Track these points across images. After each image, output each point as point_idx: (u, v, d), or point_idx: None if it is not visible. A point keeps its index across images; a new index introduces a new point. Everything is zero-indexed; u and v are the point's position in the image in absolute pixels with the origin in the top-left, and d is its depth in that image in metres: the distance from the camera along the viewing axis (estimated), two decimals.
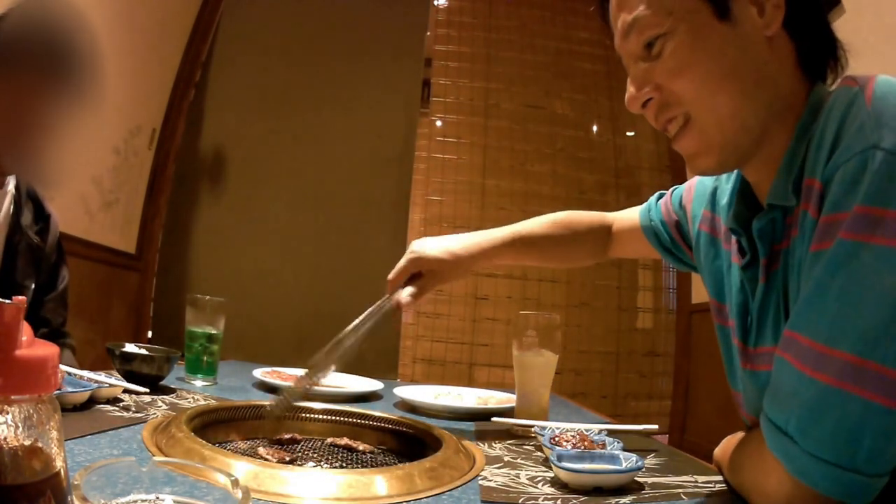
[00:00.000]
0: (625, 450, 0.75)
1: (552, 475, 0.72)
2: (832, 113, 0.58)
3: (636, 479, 0.71)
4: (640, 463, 0.69)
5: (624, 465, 0.70)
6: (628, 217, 1.07)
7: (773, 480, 0.57)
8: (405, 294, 0.97)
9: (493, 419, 1.06)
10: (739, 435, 0.74)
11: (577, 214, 1.11)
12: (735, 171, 0.74)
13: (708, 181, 0.84)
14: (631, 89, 0.69)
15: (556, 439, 0.79)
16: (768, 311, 0.67)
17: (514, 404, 1.15)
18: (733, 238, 0.74)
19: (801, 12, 0.64)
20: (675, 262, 1.00)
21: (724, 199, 0.78)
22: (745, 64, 0.63)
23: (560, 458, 0.70)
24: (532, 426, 0.95)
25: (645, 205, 1.04)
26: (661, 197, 1.01)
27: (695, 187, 0.89)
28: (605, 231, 1.10)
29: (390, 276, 1.00)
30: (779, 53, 0.64)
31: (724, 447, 0.75)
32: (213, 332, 1.25)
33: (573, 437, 0.79)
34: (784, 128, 0.64)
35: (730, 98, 0.63)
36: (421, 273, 1.00)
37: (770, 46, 0.64)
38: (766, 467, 0.58)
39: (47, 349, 0.29)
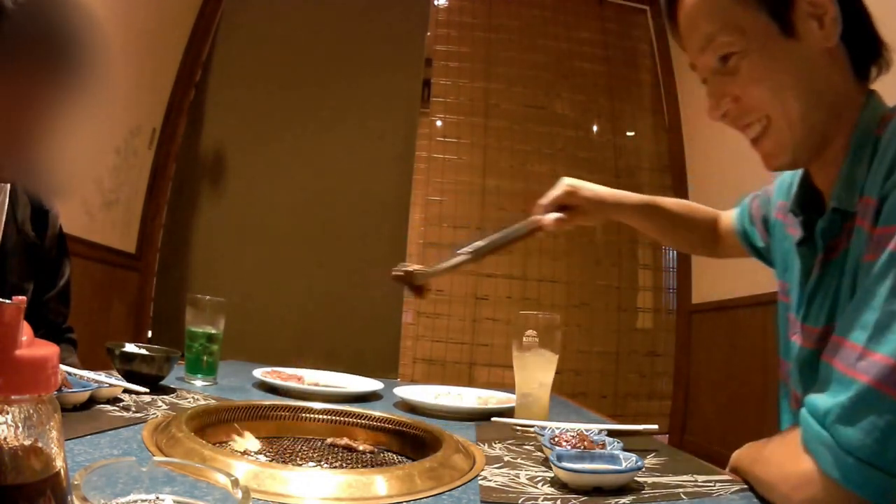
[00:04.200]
0: (625, 450, 0.75)
1: (552, 475, 0.72)
2: (887, 129, 0.66)
3: (636, 479, 0.71)
4: (640, 463, 0.69)
5: (624, 465, 0.70)
6: (729, 219, 1.12)
7: (802, 470, 0.59)
8: (552, 216, 1.03)
9: (493, 419, 1.06)
10: (763, 441, 0.75)
11: (697, 204, 1.17)
12: None
13: (787, 174, 0.92)
14: (711, 102, 0.78)
15: (556, 439, 0.79)
16: (815, 298, 0.77)
17: (514, 404, 1.15)
18: (796, 218, 0.83)
19: (853, 22, 0.72)
20: (769, 264, 1.02)
21: (793, 188, 0.86)
22: (809, 75, 0.71)
23: (560, 458, 0.70)
24: (532, 426, 0.95)
25: (740, 207, 1.09)
26: (755, 197, 1.05)
27: (776, 181, 0.97)
28: (715, 226, 1.14)
29: (542, 201, 1.06)
30: (837, 61, 0.72)
31: (748, 449, 0.77)
32: (213, 332, 1.25)
33: (573, 437, 0.79)
34: (842, 128, 0.72)
35: (798, 106, 0.71)
36: (567, 207, 1.06)
37: (830, 56, 0.72)
38: (796, 459, 0.61)
39: (47, 349, 0.29)
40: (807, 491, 0.59)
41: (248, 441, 0.83)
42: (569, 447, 0.76)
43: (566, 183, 1.07)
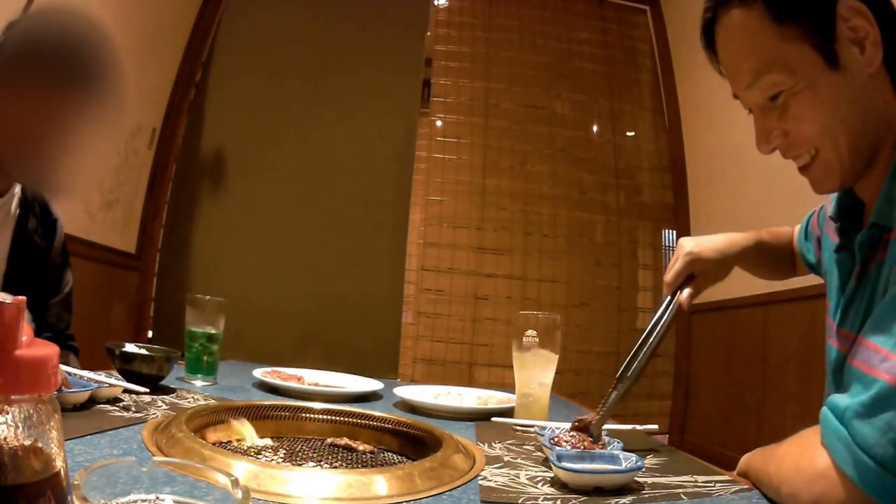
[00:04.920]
0: (625, 450, 0.75)
1: (552, 475, 0.72)
2: None
3: (636, 479, 0.71)
4: (640, 463, 0.69)
5: (624, 465, 0.70)
6: (795, 237, 1.11)
7: (817, 464, 0.59)
8: (685, 295, 0.98)
9: (493, 419, 1.06)
10: (776, 443, 0.75)
11: (779, 228, 1.14)
12: None
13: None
14: (760, 136, 0.79)
15: (556, 439, 0.79)
16: (852, 305, 0.78)
17: (514, 404, 1.15)
18: (834, 224, 0.85)
19: (892, 41, 0.72)
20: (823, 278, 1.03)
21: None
22: (856, 105, 0.73)
23: (560, 458, 0.70)
24: (532, 426, 0.95)
25: (802, 224, 1.08)
26: (815, 213, 1.04)
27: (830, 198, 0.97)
28: (793, 247, 1.13)
29: (668, 279, 1.01)
30: (878, 83, 0.73)
31: (761, 451, 0.77)
32: (213, 332, 1.25)
33: (573, 437, 0.79)
34: (886, 146, 0.73)
35: (846, 138, 0.73)
36: (693, 274, 1.01)
37: (872, 81, 0.73)
38: (813, 454, 0.61)
39: (47, 349, 0.29)
40: (820, 486, 0.59)
41: (252, 436, 0.83)
42: (569, 447, 0.76)
43: (686, 251, 1.00)
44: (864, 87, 0.72)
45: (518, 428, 1.02)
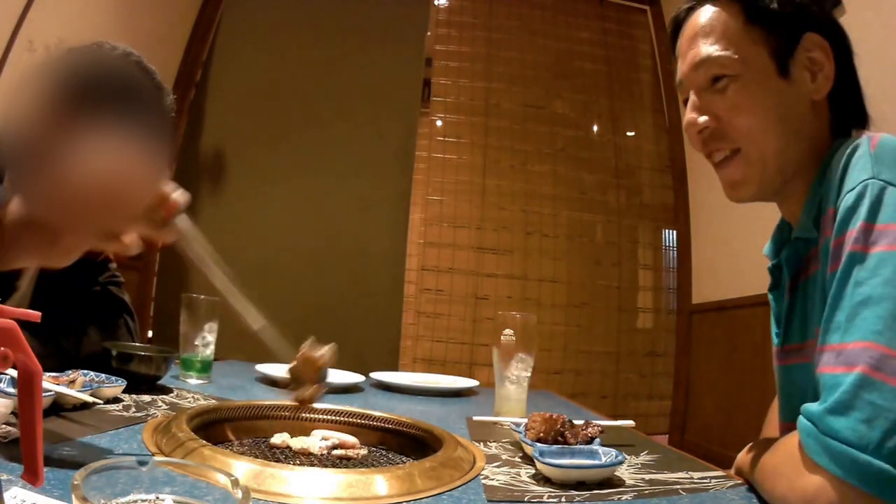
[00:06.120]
0: (602, 445, 0.76)
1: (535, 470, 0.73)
2: (842, 155, 0.68)
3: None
4: (620, 457, 0.70)
5: (604, 459, 0.72)
6: None
7: (811, 480, 0.58)
8: None
9: (475, 418, 1.08)
10: (761, 443, 0.75)
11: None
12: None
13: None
14: (692, 115, 0.79)
15: (528, 426, 0.80)
16: (793, 321, 0.80)
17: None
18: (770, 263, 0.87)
19: (844, 93, 0.76)
20: None
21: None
22: (792, 115, 0.75)
23: (543, 454, 0.71)
24: (507, 423, 0.97)
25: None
26: None
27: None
28: None
29: None
30: (818, 116, 0.76)
31: (749, 454, 0.76)
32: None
33: (542, 422, 0.80)
34: (810, 175, 0.75)
35: (777, 140, 0.75)
36: None
37: (813, 109, 0.76)
38: (800, 470, 0.60)
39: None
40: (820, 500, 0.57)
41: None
42: (541, 433, 0.78)
43: None
44: (804, 109, 0.75)
45: (504, 425, 1.03)
